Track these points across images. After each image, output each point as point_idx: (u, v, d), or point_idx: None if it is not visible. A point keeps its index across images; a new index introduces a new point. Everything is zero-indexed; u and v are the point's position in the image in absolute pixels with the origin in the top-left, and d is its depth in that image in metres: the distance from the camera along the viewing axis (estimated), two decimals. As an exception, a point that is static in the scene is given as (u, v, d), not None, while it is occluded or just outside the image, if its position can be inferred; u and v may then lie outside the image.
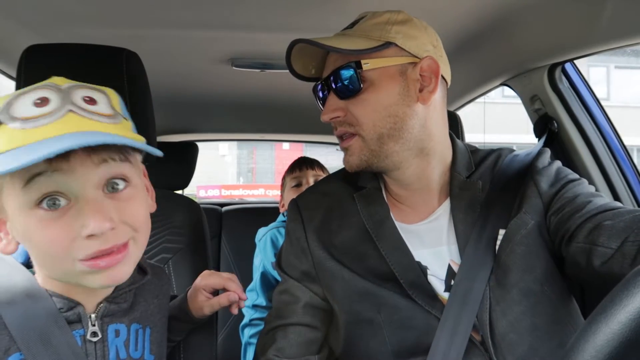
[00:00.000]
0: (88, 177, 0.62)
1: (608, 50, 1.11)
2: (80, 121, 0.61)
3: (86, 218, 0.60)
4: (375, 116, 0.91)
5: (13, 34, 1.32)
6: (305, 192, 1.14)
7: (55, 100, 0.62)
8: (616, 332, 0.40)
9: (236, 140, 3.62)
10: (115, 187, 0.65)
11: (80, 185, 0.61)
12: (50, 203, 0.60)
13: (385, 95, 0.91)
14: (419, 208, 0.99)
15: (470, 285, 0.89)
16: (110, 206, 0.63)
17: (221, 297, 0.96)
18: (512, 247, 0.90)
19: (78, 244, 0.61)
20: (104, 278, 0.64)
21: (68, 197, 0.61)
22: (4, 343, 0.64)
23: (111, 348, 0.71)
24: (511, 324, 0.88)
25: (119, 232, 0.64)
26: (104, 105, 0.66)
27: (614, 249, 0.77)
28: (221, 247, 2.50)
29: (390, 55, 0.91)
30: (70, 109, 0.61)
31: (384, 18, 0.93)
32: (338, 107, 0.94)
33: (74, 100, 0.63)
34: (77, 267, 0.62)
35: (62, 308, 0.68)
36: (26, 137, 0.58)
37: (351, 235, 1.00)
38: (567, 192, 0.92)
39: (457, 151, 1.02)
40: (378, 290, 0.94)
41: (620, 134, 1.43)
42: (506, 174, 0.99)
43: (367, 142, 0.93)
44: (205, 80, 1.89)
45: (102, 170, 0.63)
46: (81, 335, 0.69)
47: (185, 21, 1.31)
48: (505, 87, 1.60)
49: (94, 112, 0.63)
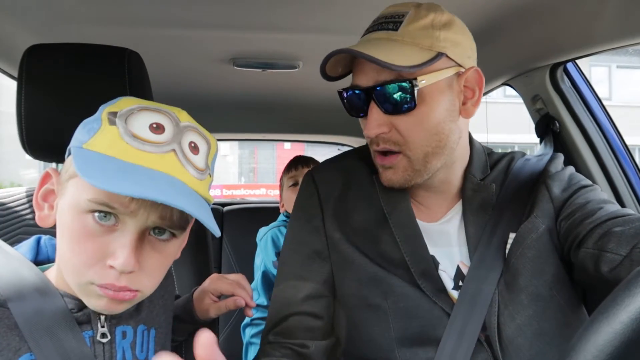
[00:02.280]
0: (146, 218, 0.63)
1: (610, 49, 1.11)
2: (176, 165, 0.64)
3: (119, 249, 0.62)
4: (424, 135, 0.87)
5: (15, 34, 1.32)
6: (322, 165, 1.11)
7: (168, 133, 0.65)
8: (618, 332, 0.40)
9: (238, 140, 3.62)
10: (160, 237, 0.67)
11: (136, 219, 0.63)
12: (101, 215, 0.62)
13: (436, 112, 0.87)
14: (434, 208, 0.99)
15: (479, 287, 0.89)
16: (145, 248, 0.65)
17: (228, 301, 0.96)
18: (522, 250, 0.90)
19: (99, 268, 0.62)
20: (103, 306, 0.65)
21: (117, 219, 0.63)
22: (14, 343, 0.64)
23: (118, 350, 0.71)
24: (519, 328, 0.87)
25: (136, 278, 0.64)
26: (202, 156, 0.68)
27: (623, 255, 0.76)
28: (222, 247, 2.50)
29: (441, 68, 0.86)
30: (174, 148, 0.64)
31: (429, 19, 0.86)
32: (383, 122, 0.87)
33: (182, 142, 0.66)
34: (90, 287, 0.64)
35: (73, 309, 0.68)
36: (125, 153, 0.61)
37: (368, 217, 0.98)
38: (579, 198, 0.91)
39: (474, 153, 1.00)
40: (387, 276, 0.93)
41: (622, 133, 1.43)
42: (518, 178, 0.98)
43: (413, 162, 0.89)
44: (206, 80, 1.89)
45: (160, 219, 0.65)
46: (90, 336, 0.69)
47: (186, 21, 1.31)
48: (507, 86, 1.60)
49: (190, 162, 0.66)
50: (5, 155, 11.13)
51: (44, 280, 0.69)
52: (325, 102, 2.13)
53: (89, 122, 0.66)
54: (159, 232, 0.67)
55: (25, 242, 0.76)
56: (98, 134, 0.63)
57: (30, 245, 0.75)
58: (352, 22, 1.29)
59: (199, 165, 0.67)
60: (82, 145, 0.63)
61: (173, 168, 0.63)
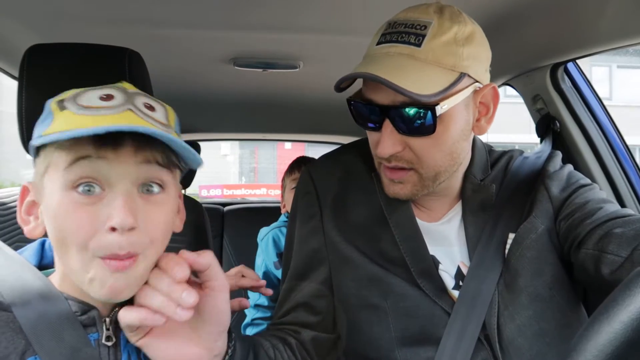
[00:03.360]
0: (129, 171, 0.63)
1: (610, 49, 1.11)
2: (136, 119, 0.64)
3: (114, 209, 0.61)
4: (439, 156, 0.86)
5: (15, 34, 1.32)
6: (320, 161, 1.10)
7: (119, 98, 0.65)
8: (618, 332, 0.40)
9: (238, 139, 3.62)
10: (150, 190, 0.66)
11: (119, 177, 0.63)
12: (85, 189, 0.62)
13: (452, 133, 0.85)
14: (434, 209, 0.98)
15: (478, 287, 0.89)
16: (139, 205, 0.64)
17: (232, 302, 0.96)
18: (522, 251, 0.90)
19: (99, 237, 0.62)
20: (106, 290, 0.64)
21: (103, 186, 0.63)
22: (20, 347, 0.64)
23: (124, 352, 0.71)
24: (519, 329, 0.88)
25: (136, 238, 0.64)
26: (161, 114, 0.68)
27: (624, 257, 0.76)
28: (223, 247, 2.50)
29: (462, 88, 0.83)
30: (130, 107, 0.64)
31: (452, 34, 0.81)
32: (397, 141, 0.84)
33: (136, 102, 0.66)
34: (94, 262, 0.63)
35: (77, 312, 0.68)
36: (83, 121, 0.61)
37: (367, 214, 0.98)
38: (578, 197, 0.91)
39: (476, 153, 0.99)
40: (386, 276, 0.93)
41: (622, 133, 1.43)
42: (517, 177, 0.98)
43: (423, 179, 0.88)
44: (207, 79, 1.89)
45: (143, 169, 0.64)
46: (95, 339, 0.69)
47: (187, 21, 1.31)
48: (507, 86, 1.60)
49: (150, 117, 0.66)
50: (5, 155, 11.15)
51: (47, 284, 0.69)
52: (326, 102, 2.13)
53: (40, 120, 0.67)
54: (148, 190, 0.66)
55: (30, 245, 0.76)
56: (53, 123, 0.64)
57: (35, 249, 0.75)
58: (353, 22, 1.29)
59: (160, 120, 0.67)
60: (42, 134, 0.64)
61: (135, 121, 0.63)
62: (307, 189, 1.04)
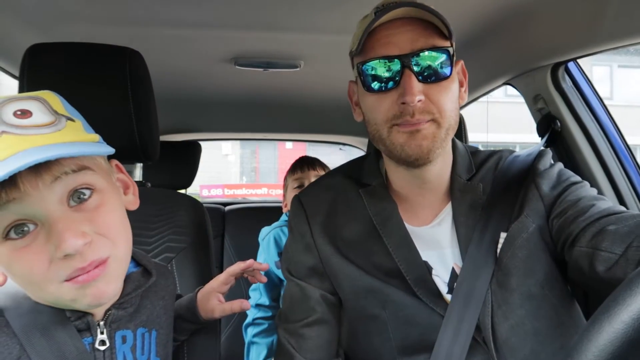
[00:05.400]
0: (45, 198, 0.58)
1: (611, 49, 1.11)
2: (15, 141, 0.55)
3: (57, 238, 0.57)
4: (451, 106, 0.88)
5: (16, 33, 1.33)
6: (307, 188, 1.13)
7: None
8: (619, 332, 0.40)
9: (239, 139, 3.62)
10: (82, 197, 0.62)
11: (40, 208, 0.57)
12: (18, 231, 0.58)
13: (456, 85, 0.90)
14: (423, 210, 0.98)
15: (472, 287, 0.89)
16: (80, 219, 0.60)
17: (234, 303, 0.96)
18: (514, 250, 0.90)
19: (56, 265, 0.58)
20: (90, 298, 0.62)
21: (34, 221, 0.58)
22: (15, 352, 0.63)
23: (119, 354, 0.71)
24: (512, 328, 0.88)
25: (96, 246, 0.61)
26: (40, 114, 0.60)
27: (618, 254, 0.76)
28: (224, 247, 2.50)
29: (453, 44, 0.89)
30: (2, 130, 0.56)
31: None
32: (419, 90, 0.84)
33: (5, 118, 0.57)
34: (64, 287, 0.60)
35: (71, 317, 0.68)
36: None
37: (358, 230, 0.98)
38: (570, 195, 0.91)
39: (457, 153, 1.00)
40: (384, 286, 0.94)
41: (623, 133, 1.42)
42: (507, 177, 0.98)
43: (439, 131, 0.87)
44: (208, 79, 1.89)
45: (58, 188, 0.59)
46: (90, 343, 0.69)
47: (188, 20, 1.31)
48: (508, 86, 1.60)
49: (29, 126, 0.57)
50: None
51: None
52: (326, 102, 2.13)
53: None
54: (77, 199, 0.61)
55: None
56: None
57: None
58: (354, 22, 1.29)
59: (43, 122, 0.59)
60: None
61: (15, 145, 0.54)
62: (297, 212, 1.06)
